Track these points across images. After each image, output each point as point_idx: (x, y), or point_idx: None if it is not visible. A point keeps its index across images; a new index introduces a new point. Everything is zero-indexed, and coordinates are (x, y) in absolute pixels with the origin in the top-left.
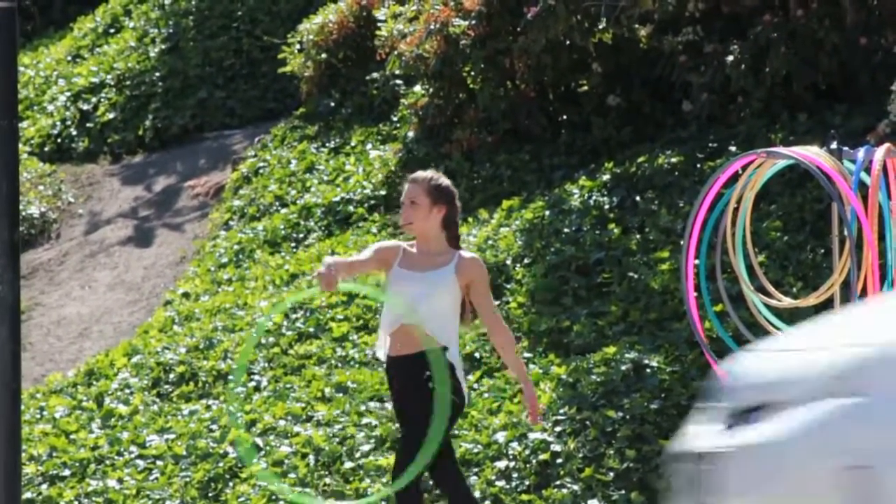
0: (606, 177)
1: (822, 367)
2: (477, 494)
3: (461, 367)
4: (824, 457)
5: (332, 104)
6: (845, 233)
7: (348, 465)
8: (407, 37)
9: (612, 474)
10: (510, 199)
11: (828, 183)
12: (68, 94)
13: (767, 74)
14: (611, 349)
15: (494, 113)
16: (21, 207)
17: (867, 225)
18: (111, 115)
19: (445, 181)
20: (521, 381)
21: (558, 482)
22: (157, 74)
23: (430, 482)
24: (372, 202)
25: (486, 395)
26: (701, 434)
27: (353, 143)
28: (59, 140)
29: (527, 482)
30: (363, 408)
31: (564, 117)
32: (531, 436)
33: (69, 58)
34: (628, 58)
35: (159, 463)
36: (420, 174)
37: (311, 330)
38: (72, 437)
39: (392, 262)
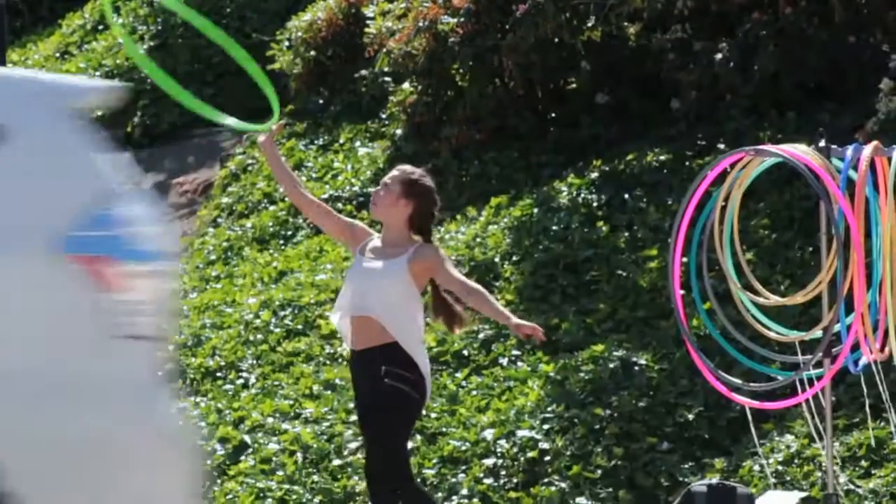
0: (595, 175)
1: None
2: (464, 492)
3: (424, 361)
4: None
5: (321, 101)
6: (833, 231)
7: (336, 462)
8: (396, 34)
9: (599, 472)
10: (498, 196)
11: (815, 181)
12: None
13: (756, 72)
14: (599, 347)
15: (483, 111)
16: None
17: (854, 224)
18: (99, 112)
19: (427, 181)
20: (506, 321)
21: (546, 480)
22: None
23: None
24: (360, 199)
25: (473, 392)
26: None
27: (341, 141)
28: None
29: (515, 480)
30: (351, 405)
31: (553, 115)
32: (519, 433)
33: (57, 55)
34: (617, 56)
35: None
36: (405, 166)
37: (300, 327)
38: None
39: (361, 242)
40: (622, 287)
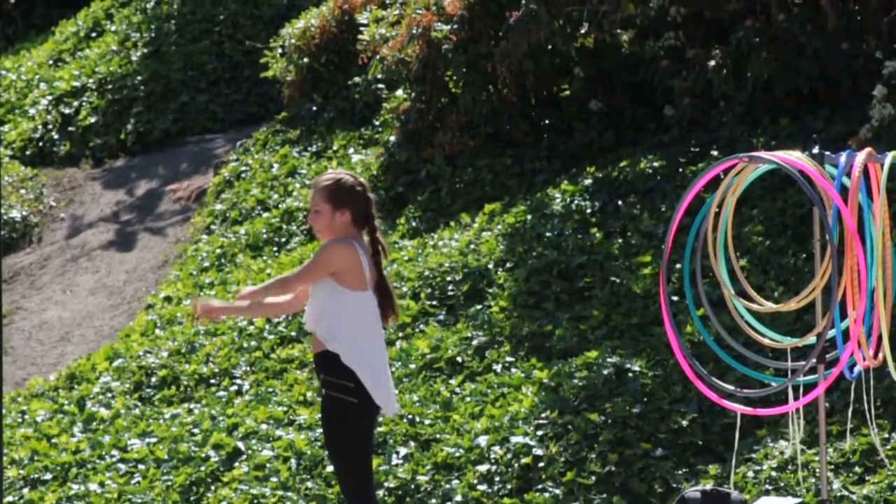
0: (588, 181)
1: None
2: (458, 498)
3: (370, 365)
4: None
5: (315, 108)
6: (827, 237)
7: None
8: (389, 41)
9: (593, 478)
10: (492, 203)
11: (809, 187)
12: (50, 97)
13: (749, 79)
14: (593, 353)
15: (476, 117)
16: (2, 211)
17: (850, 222)
18: (93, 119)
19: (348, 180)
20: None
21: (540, 486)
22: (139, 78)
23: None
24: None
25: (467, 399)
26: None
27: (335, 148)
28: (40, 144)
29: (509, 486)
30: None
31: (546, 122)
32: (513, 439)
33: (51, 61)
34: (610, 62)
35: (141, 467)
36: (321, 179)
37: (293, 334)
38: (53, 440)
39: None
40: (616, 293)
